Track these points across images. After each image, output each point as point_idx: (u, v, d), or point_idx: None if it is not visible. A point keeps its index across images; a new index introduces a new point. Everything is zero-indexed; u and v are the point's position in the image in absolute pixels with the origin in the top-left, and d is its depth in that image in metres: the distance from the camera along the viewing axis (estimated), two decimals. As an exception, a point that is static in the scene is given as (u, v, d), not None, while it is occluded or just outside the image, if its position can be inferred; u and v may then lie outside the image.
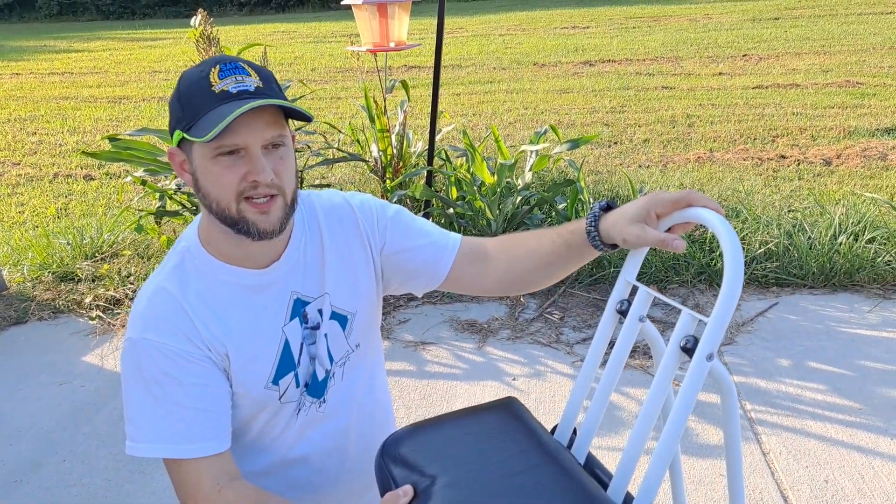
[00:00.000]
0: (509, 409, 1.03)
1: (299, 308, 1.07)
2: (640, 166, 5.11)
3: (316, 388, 1.10)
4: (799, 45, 10.25)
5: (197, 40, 3.21)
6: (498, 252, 1.12)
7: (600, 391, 1.02)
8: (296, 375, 1.07)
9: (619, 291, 1.04)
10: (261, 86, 0.95)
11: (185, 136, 0.93)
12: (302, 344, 1.07)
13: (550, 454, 0.95)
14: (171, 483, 1.00)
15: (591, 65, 9.61)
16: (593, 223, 1.00)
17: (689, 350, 0.92)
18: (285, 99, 0.97)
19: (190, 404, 0.98)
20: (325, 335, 1.10)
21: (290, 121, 1.01)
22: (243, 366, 1.02)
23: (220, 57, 0.97)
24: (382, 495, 0.93)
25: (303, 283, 1.07)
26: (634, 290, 1.02)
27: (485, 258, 1.12)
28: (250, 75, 0.95)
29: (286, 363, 1.06)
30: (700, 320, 0.93)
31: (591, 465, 1.00)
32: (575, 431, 1.04)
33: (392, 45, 2.98)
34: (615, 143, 5.81)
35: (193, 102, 0.93)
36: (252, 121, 0.92)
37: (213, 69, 0.94)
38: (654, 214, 0.93)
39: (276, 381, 1.06)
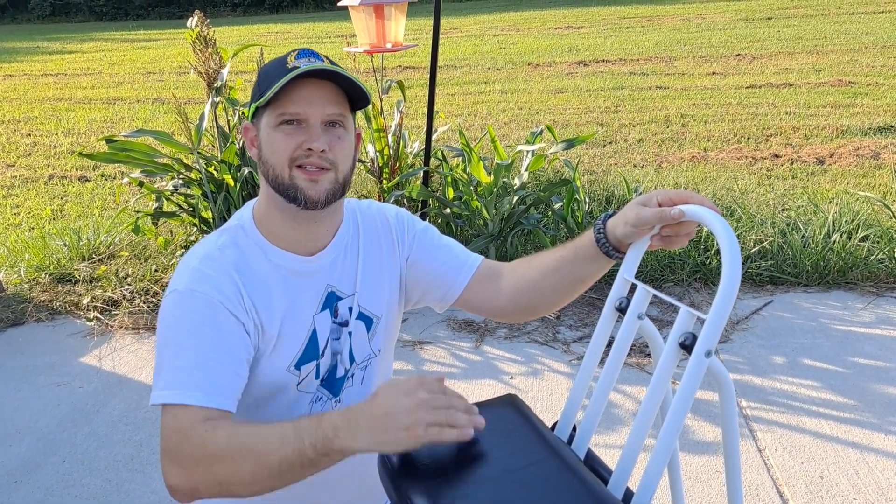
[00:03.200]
0: (511, 406, 1.05)
1: (332, 301, 1.11)
2: (634, 166, 5.14)
3: (332, 385, 1.13)
4: (792, 44, 10.31)
5: (193, 41, 3.21)
6: (511, 271, 1.17)
7: (599, 388, 1.04)
8: (317, 366, 1.10)
9: (617, 289, 1.06)
10: (330, 66, 1.02)
11: (256, 106, 1.02)
12: (328, 336, 1.11)
13: (552, 450, 0.97)
14: (171, 481, 0.92)
15: (585, 65, 9.64)
16: (601, 229, 1.03)
17: (687, 347, 0.94)
18: (351, 77, 1.03)
19: (218, 359, 0.97)
20: (350, 334, 1.13)
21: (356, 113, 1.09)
22: (274, 343, 1.05)
23: (301, 48, 1.05)
24: (386, 490, 0.95)
25: (339, 278, 1.12)
26: (634, 289, 1.03)
27: (499, 276, 1.17)
28: (323, 60, 1.02)
29: (311, 351, 1.09)
30: (698, 318, 0.95)
31: (591, 460, 1.02)
32: (575, 428, 1.06)
33: (389, 46, 2.99)
34: (610, 142, 5.84)
35: (270, 78, 1.00)
36: (315, 96, 1.00)
37: (291, 53, 1.02)
38: (657, 201, 0.96)
39: (298, 366, 1.08)
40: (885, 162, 4.97)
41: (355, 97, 1.05)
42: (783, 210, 3.61)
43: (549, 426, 1.07)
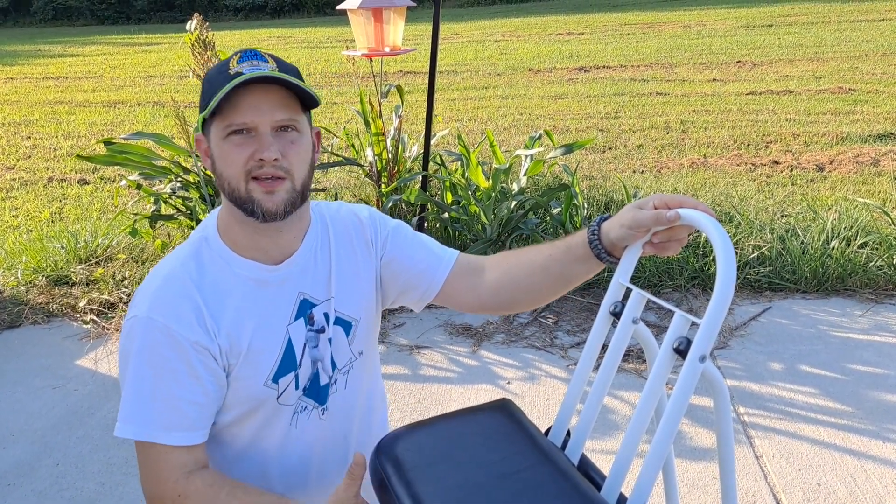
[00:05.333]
0: (504, 411, 1.04)
1: (306, 309, 1.08)
2: (634, 171, 5.14)
3: (318, 394, 1.11)
4: (792, 51, 10.33)
5: (192, 45, 3.22)
6: (493, 264, 1.14)
7: (594, 394, 1.03)
8: (296, 377, 1.08)
9: (612, 293, 1.05)
10: (276, 69, 0.97)
11: (202, 116, 0.98)
12: (305, 345, 1.08)
13: (545, 455, 0.96)
14: None
15: (585, 71, 9.66)
16: (595, 231, 1.01)
17: (682, 352, 0.93)
18: (297, 80, 0.98)
19: (177, 392, 0.98)
20: (330, 340, 1.11)
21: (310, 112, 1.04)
22: (246, 359, 1.03)
23: (243, 49, 1.01)
24: (377, 494, 0.94)
25: (311, 285, 1.09)
26: (629, 293, 1.02)
27: (480, 271, 1.14)
28: (268, 62, 0.98)
29: (288, 362, 1.07)
30: (693, 322, 0.94)
31: (585, 466, 1.01)
32: (569, 433, 1.05)
33: (387, 49, 2.99)
34: (610, 148, 5.84)
35: (214, 86, 0.96)
36: (261, 102, 0.96)
37: (233, 57, 0.98)
38: (653, 204, 0.95)
39: (275, 380, 1.06)
40: (885, 169, 4.97)
41: (305, 97, 1.01)
42: (782, 216, 3.60)
43: (545, 431, 1.06)
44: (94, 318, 3.00)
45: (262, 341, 1.04)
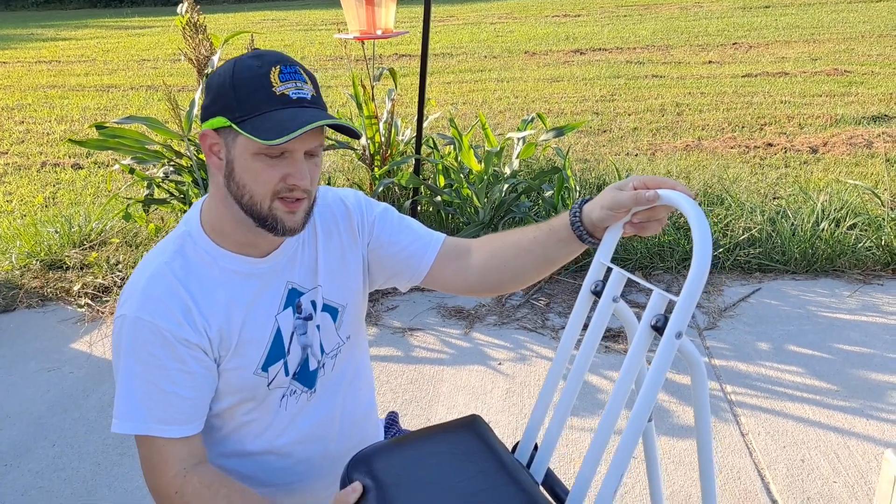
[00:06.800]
0: (472, 429, 1.06)
1: (294, 298, 1.10)
2: (628, 154, 5.14)
3: (306, 378, 1.14)
4: (789, 33, 10.28)
5: (183, 28, 3.20)
6: (479, 247, 1.16)
7: (561, 404, 1.06)
8: (285, 364, 1.10)
9: (593, 273, 1.07)
10: (315, 94, 0.99)
11: (235, 126, 0.95)
12: (293, 333, 1.11)
13: (509, 474, 0.98)
14: (152, 497, 1.04)
15: (581, 53, 9.61)
16: (577, 213, 1.03)
17: (659, 328, 0.96)
18: (328, 112, 1.00)
19: (169, 388, 1.01)
20: (318, 327, 1.13)
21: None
22: (236, 351, 1.05)
23: (277, 55, 0.99)
24: None
25: (298, 274, 1.11)
26: (610, 273, 1.04)
27: (467, 253, 1.16)
28: (307, 83, 0.98)
29: (276, 351, 1.09)
30: (670, 300, 0.96)
31: (550, 481, 1.04)
32: (536, 447, 1.07)
33: (379, 32, 2.98)
34: (605, 131, 5.84)
35: (254, 98, 0.95)
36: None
37: (273, 69, 0.96)
38: (632, 185, 0.97)
39: (265, 368, 1.09)
40: (878, 151, 4.98)
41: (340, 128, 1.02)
42: (775, 199, 3.62)
43: (512, 447, 1.09)
44: (89, 301, 3.02)
45: (252, 332, 1.06)
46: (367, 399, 1.28)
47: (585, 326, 1.09)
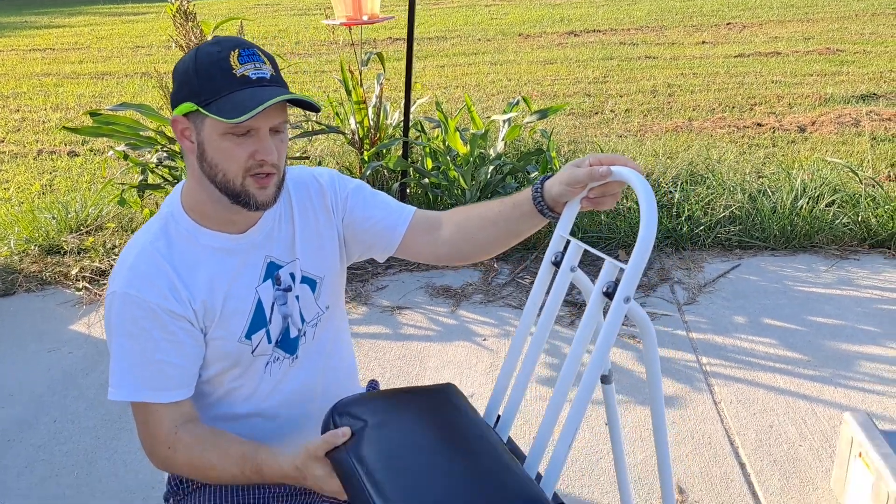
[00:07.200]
0: (446, 393, 1.14)
1: (272, 271, 1.18)
2: (619, 136, 5.19)
3: (288, 345, 1.21)
4: (783, 12, 10.27)
5: (174, 15, 3.24)
6: (449, 219, 1.23)
7: (523, 372, 1.14)
8: (267, 332, 1.18)
9: (554, 245, 1.15)
10: (274, 73, 1.06)
11: (202, 110, 1.02)
12: (273, 304, 1.18)
13: (479, 430, 1.06)
14: (149, 459, 1.13)
15: (575, 35, 9.61)
16: (539, 189, 1.10)
17: (610, 294, 1.04)
18: (287, 90, 1.07)
19: (159, 357, 1.09)
20: (297, 297, 1.21)
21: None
22: (220, 321, 1.13)
23: (235, 40, 1.06)
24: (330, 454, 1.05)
25: (276, 248, 1.18)
26: (571, 247, 1.12)
27: (437, 226, 1.23)
28: (265, 63, 1.05)
29: (258, 320, 1.17)
30: (620, 268, 1.04)
31: (511, 449, 1.12)
32: (499, 417, 1.16)
33: (365, 18, 3.03)
34: (596, 113, 5.88)
35: (215, 82, 1.02)
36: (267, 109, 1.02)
37: (231, 53, 1.03)
38: (588, 162, 1.04)
39: (248, 336, 1.16)
40: (866, 129, 5.03)
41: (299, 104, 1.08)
42: (760, 177, 3.68)
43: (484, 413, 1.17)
44: (87, 285, 3.10)
45: (234, 303, 1.14)
46: (347, 364, 1.37)
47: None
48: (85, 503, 1.90)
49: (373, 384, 1.53)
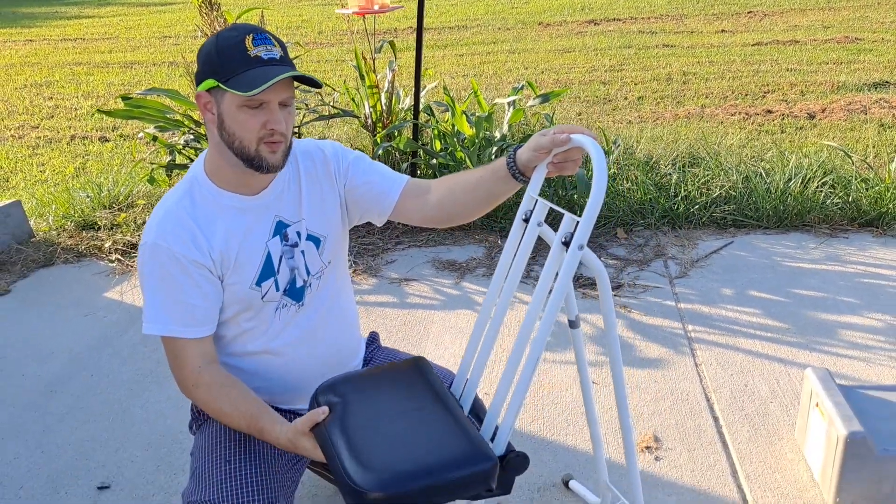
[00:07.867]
0: (416, 367, 1.36)
1: (281, 228, 1.38)
2: (630, 122, 5.31)
3: (295, 294, 1.42)
4: (805, 1, 10.20)
5: (200, 5, 3.45)
6: (437, 186, 1.43)
7: (489, 333, 1.34)
8: (275, 281, 1.38)
9: (525, 204, 1.34)
10: (283, 55, 1.26)
11: (221, 85, 1.22)
12: (281, 257, 1.39)
13: (440, 400, 1.27)
14: (178, 388, 1.35)
15: (595, 24, 9.68)
16: (512, 156, 1.29)
17: (567, 243, 1.22)
18: (293, 69, 1.27)
19: (184, 298, 1.30)
20: (303, 252, 1.41)
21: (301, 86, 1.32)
22: (235, 269, 1.34)
23: (250, 27, 1.26)
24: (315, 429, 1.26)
25: (285, 209, 1.39)
26: (538, 205, 1.29)
27: (427, 191, 1.42)
28: (276, 46, 1.25)
29: (267, 270, 1.37)
30: (577, 221, 1.21)
31: (476, 408, 1.33)
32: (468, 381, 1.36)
33: (377, 7, 3.20)
34: (609, 100, 5.99)
35: (233, 62, 1.22)
36: (276, 83, 1.22)
37: (247, 37, 1.22)
38: (553, 132, 1.22)
39: (259, 284, 1.37)
40: (874, 116, 5.09)
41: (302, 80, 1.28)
42: (760, 161, 3.79)
43: (449, 383, 1.38)
44: (119, 257, 3.34)
45: (247, 254, 1.35)
46: (348, 314, 1.57)
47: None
48: (119, 444, 2.13)
49: (373, 335, 1.73)
